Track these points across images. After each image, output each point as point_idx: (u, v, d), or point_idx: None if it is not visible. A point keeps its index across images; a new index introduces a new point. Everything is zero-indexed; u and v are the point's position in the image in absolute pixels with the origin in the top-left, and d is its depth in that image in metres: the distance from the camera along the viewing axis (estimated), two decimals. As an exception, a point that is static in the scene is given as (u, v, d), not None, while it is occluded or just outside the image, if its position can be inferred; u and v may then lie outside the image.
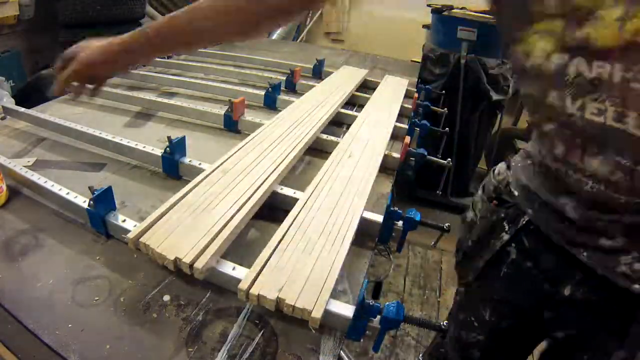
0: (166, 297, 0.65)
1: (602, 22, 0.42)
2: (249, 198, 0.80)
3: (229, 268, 0.66)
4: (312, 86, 1.57)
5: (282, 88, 1.58)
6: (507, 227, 0.71)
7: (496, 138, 2.81)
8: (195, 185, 0.81)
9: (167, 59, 2.16)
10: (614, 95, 0.44)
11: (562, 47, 0.47)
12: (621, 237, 0.53)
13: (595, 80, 0.45)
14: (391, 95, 1.56)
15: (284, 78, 1.66)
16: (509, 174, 0.73)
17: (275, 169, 0.91)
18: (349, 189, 0.88)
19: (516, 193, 0.69)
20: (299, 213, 0.78)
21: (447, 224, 0.92)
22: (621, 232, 0.53)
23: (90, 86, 0.84)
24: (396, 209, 0.83)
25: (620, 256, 0.54)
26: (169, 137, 0.94)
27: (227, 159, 0.92)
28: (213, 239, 0.67)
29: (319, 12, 4.14)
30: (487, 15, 2.18)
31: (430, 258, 2.36)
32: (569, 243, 0.60)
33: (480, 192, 0.81)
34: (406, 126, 1.32)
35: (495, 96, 2.32)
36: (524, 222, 0.68)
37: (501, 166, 0.77)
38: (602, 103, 0.45)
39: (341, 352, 0.61)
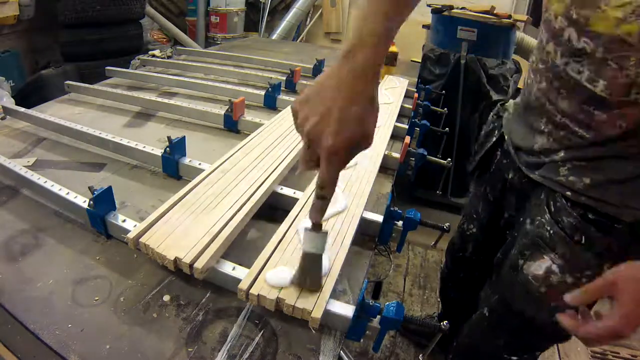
0: (166, 297, 0.65)
1: (603, 14, 0.57)
2: (249, 198, 0.80)
3: (229, 268, 0.66)
4: (312, 86, 1.57)
5: (282, 88, 1.58)
6: (496, 132, 0.98)
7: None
8: (195, 186, 0.81)
9: (167, 59, 2.16)
10: (593, 65, 0.61)
11: (565, 14, 0.63)
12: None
13: (581, 50, 0.62)
14: (391, 95, 1.56)
15: (284, 78, 1.66)
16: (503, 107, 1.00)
17: (275, 169, 0.91)
18: (349, 189, 0.88)
19: (504, 115, 0.96)
20: (299, 213, 0.78)
21: (447, 224, 0.92)
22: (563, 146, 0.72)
23: None
24: (396, 209, 0.83)
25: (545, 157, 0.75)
26: (169, 137, 0.94)
27: (227, 159, 0.92)
28: (213, 239, 0.67)
29: (319, 12, 4.15)
30: (487, 15, 2.18)
31: (430, 258, 2.36)
32: (516, 147, 0.85)
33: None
34: (406, 126, 1.32)
35: (495, 96, 2.31)
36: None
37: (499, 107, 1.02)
38: (582, 66, 0.63)
39: (341, 352, 0.61)
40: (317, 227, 0.56)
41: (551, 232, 0.74)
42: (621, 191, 0.66)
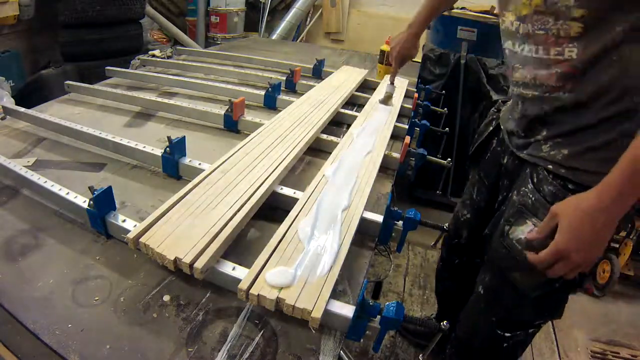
0: (166, 297, 0.65)
1: (522, 2, 0.77)
2: (249, 198, 0.80)
3: (229, 268, 0.66)
4: (312, 86, 1.58)
5: (282, 88, 1.58)
6: (494, 122, 1.11)
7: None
8: (195, 185, 0.81)
9: (167, 59, 2.17)
10: (532, 40, 0.78)
11: (517, 17, 0.80)
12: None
13: (526, 34, 0.79)
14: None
15: (284, 78, 1.66)
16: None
17: (275, 169, 0.91)
18: (349, 188, 0.88)
19: (503, 108, 1.09)
20: (299, 213, 0.78)
21: (447, 224, 0.93)
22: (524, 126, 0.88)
23: None
24: (396, 209, 0.83)
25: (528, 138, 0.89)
26: (169, 137, 0.94)
27: (227, 159, 0.92)
28: (213, 239, 0.67)
29: (319, 12, 4.15)
30: (487, 15, 2.18)
31: (430, 258, 2.36)
32: (509, 133, 0.97)
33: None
34: (406, 126, 1.32)
35: (495, 96, 2.31)
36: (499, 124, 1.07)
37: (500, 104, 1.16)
38: (530, 45, 0.79)
39: (341, 352, 0.61)
40: None
41: (533, 199, 0.83)
42: (596, 158, 0.75)
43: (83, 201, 0.76)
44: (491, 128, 1.11)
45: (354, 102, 1.59)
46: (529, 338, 1.04)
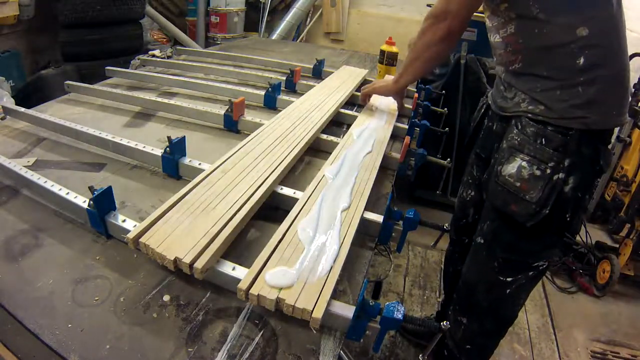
0: (166, 297, 0.65)
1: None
2: (249, 198, 0.80)
3: (229, 268, 0.66)
4: (312, 86, 1.58)
5: (282, 88, 1.58)
6: (484, 107, 1.27)
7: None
8: (195, 185, 0.81)
9: (167, 59, 2.16)
10: (494, 29, 1.03)
11: (487, 17, 1.04)
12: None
13: (491, 26, 1.04)
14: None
15: (284, 78, 1.66)
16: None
17: (275, 169, 0.91)
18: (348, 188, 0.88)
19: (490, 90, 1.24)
20: (299, 213, 0.78)
21: (447, 224, 0.93)
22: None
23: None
24: (396, 209, 0.83)
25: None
26: (169, 137, 0.94)
27: (227, 159, 0.92)
28: (213, 239, 0.67)
29: (319, 12, 4.15)
30: (487, 15, 2.18)
31: (430, 258, 2.36)
32: (495, 103, 1.13)
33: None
34: (406, 126, 1.32)
35: (495, 96, 2.31)
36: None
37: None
38: (494, 35, 1.04)
39: (341, 352, 0.61)
40: None
41: (519, 139, 0.97)
42: (567, 105, 0.90)
43: (83, 201, 0.76)
44: (482, 111, 1.27)
45: (354, 102, 1.59)
46: (531, 283, 1.11)
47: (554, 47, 0.89)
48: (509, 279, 1.08)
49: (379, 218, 0.83)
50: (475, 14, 1.01)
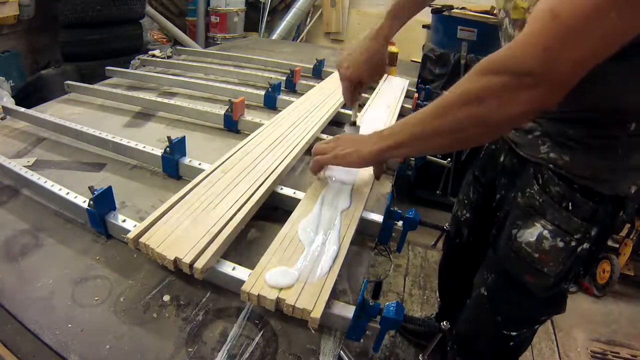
0: (166, 297, 0.65)
1: (516, 5, 0.77)
2: (249, 198, 0.80)
3: (229, 268, 0.66)
4: (312, 86, 1.57)
5: (282, 88, 1.57)
6: None
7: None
8: (195, 185, 0.81)
9: (167, 59, 2.16)
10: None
11: (503, 8, 0.83)
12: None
13: (512, 36, 0.80)
14: (391, 95, 1.56)
15: (284, 78, 1.65)
16: None
17: (275, 169, 0.91)
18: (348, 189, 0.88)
19: None
20: (299, 213, 0.78)
21: (447, 224, 0.93)
22: None
23: None
24: (396, 209, 0.83)
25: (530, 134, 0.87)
26: (169, 137, 0.94)
27: (227, 159, 0.92)
28: (213, 239, 0.67)
29: (319, 12, 4.15)
30: (487, 15, 2.18)
31: (430, 258, 2.36)
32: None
33: None
34: (406, 126, 1.32)
35: (495, 96, 2.31)
36: None
37: None
38: (513, 30, 0.82)
39: (341, 352, 0.61)
40: None
41: (540, 200, 0.81)
42: (596, 166, 0.75)
43: (83, 201, 0.76)
44: None
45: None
46: (535, 332, 1.06)
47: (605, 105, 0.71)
48: (513, 333, 1.00)
49: (379, 218, 0.83)
50: (475, 14, 1.00)
